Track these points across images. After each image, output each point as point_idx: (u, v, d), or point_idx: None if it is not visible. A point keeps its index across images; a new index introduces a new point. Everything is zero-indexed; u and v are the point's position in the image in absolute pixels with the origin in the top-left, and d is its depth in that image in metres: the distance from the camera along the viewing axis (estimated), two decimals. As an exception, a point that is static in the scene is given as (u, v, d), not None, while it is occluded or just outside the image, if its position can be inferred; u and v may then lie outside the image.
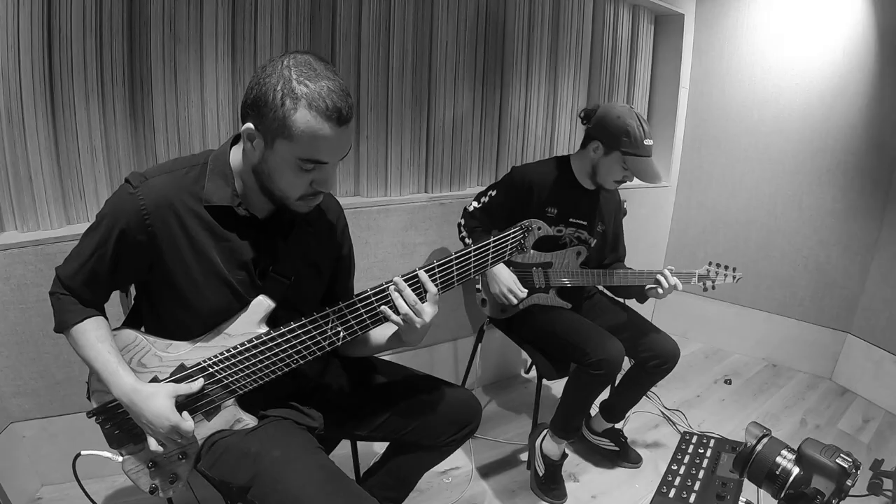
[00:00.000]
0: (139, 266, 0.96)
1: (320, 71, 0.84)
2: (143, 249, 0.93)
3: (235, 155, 0.97)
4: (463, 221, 1.82)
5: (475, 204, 1.79)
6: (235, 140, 0.99)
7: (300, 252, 1.03)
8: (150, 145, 1.61)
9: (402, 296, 0.95)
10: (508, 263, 1.76)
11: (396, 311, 0.96)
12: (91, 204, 1.55)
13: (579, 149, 1.73)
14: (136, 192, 0.91)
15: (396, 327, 1.01)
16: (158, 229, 0.92)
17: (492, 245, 1.00)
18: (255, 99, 0.85)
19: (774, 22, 2.52)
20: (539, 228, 1.05)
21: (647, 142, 1.60)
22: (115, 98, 1.52)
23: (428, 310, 0.97)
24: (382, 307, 0.96)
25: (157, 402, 0.92)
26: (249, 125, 0.87)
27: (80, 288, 0.98)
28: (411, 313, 0.95)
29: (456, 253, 0.98)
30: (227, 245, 0.97)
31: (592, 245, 1.78)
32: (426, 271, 0.97)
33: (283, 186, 0.91)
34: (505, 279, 1.70)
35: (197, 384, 0.97)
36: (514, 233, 1.02)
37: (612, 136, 1.60)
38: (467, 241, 1.81)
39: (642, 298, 1.76)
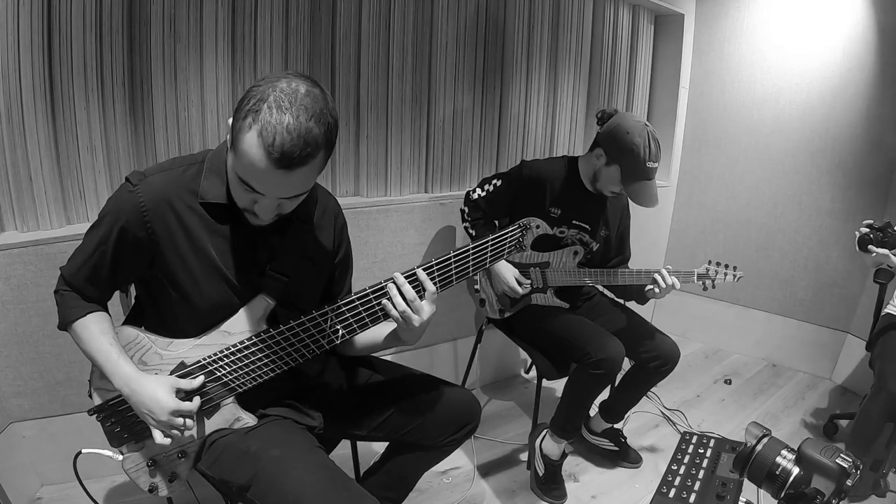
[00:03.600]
0: (140, 262, 0.97)
1: (298, 104, 0.78)
2: (143, 246, 0.94)
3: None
4: (466, 210, 1.80)
5: (479, 192, 1.77)
6: None
7: (297, 250, 1.04)
8: (150, 145, 1.61)
9: (400, 292, 0.95)
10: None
11: (395, 308, 0.96)
12: (91, 204, 1.55)
13: (588, 150, 1.71)
14: (136, 190, 0.92)
15: (394, 326, 1.01)
16: (157, 226, 0.93)
17: (490, 243, 1.00)
18: (239, 100, 0.84)
19: (774, 22, 2.52)
20: (538, 227, 1.05)
21: (651, 164, 1.54)
22: (115, 98, 1.52)
23: (426, 308, 0.97)
24: (384, 301, 0.96)
25: (156, 390, 0.93)
26: (230, 121, 0.87)
27: (82, 285, 0.99)
28: (409, 311, 0.95)
29: (454, 251, 0.98)
30: (225, 241, 0.98)
31: (595, 249, 1.78)
32: (424, 270, 0.97)
33: (235, 193, 0.92)
34: (506, 276, 1.69)
35: (198, 380, 0.97)
36: (512, 231, 1.02)
37: (615, 150, 1.57)
38: (470, 231, 1.81)
39: (642, 299, 1.74)
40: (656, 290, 1.59)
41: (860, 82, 2.35)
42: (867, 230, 1.67)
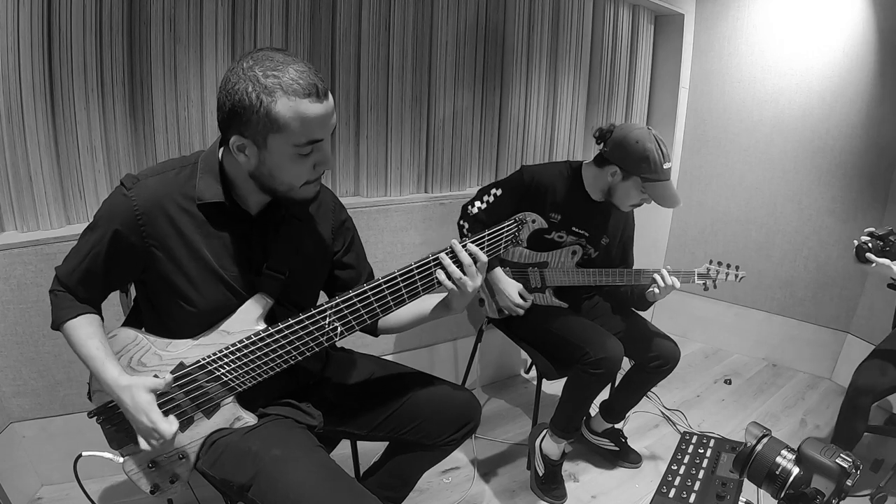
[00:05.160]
0: (133, 266, 0.97)
1: (281, 59, 0.84)
2: (137, 250, 0.95)
3: (224, 153, 0.97)
4: (466, 226, 1.74)
5: (478, 204, 1.73)
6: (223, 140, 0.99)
7: (293, 247, 1.04)
8: (150, 145, 1.61)
9: (456, 262, 0.99)
10: (503, 263, 1.75)
11: (448, 278, 0.99)
12: (91, 204, 1.55)
13: (593, 164, 1.68)
14: (129, 194, 0.93)
15: (432, 302, 1.09)
16: (151, 230, 0.93)
17: (486, 239, 1.01)
18: (232, 110, 0.84)
19: (774, 22, 2.52)
20: (533, 221, 1.05)
21: (667, 165, 1.55)
22: (115, 98, 1.52)
23: (478, 278, 1.01)
24: (438, 272, 0.99)
25: (136, 395, 0.91)
26: (236, 137, 0.87)
27: (75, 286, 0.99)
28: (465, 278, 0.98)
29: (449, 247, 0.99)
30: (220, 242, 0.98)
31: (594, 256, 1.77)
32: (421, 265, 0.98)
33: (288, 179, 0.92)
34: (509, 291, 1.67)
35: (165, 380, 0.94)
36: (508, 226, 1.02)
37: (630, 162, 1.56)
38: None
39: (643, 305, 1.74)
40: (656, 290, 1.59)
41: (860, 82, 2.35)
42: (867, 238, 1.53)
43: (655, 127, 1.62)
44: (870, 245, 1.51)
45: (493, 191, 1.72)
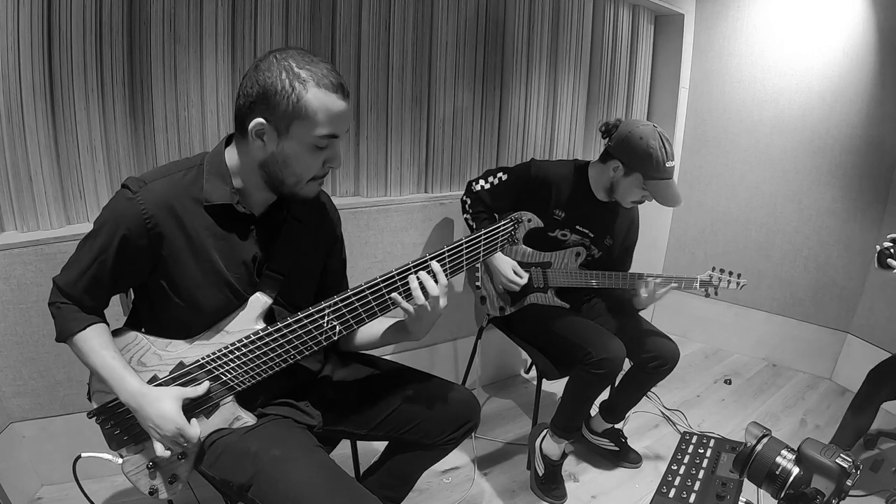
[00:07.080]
0: (141, 269, 0.97)
1: (312, 57, 0.90)
2: (145, 253, 0.94)
3: (230, 155, 0.98)
4: (468, 201, 1.78)
5: (483, 184, 1.75)
6: (228, 141, 1.00)
7: (293, 248, 1.05)
8: (150, 145, 1.61)
9: (422, 284, 0.96)
10: None
11: (407, 299, 0.97)
12: (91, 204, 1.55)
13: (598, 161, 1.69)
14: (136, 197, 0.92)
15: (392, 322, 1.04)
16: (160, 232, 0.93)
17: (483, 237, 1.01)
18: (261, 93, 0.87)
19: (774, 22, 2.52)
20: (529, 220, 1.06)
21: (669, 164, 1.55)
22: (115, 98, 1.52)
23: (442, 301, 0.98)
24: (393, 294, 0.97)
25: (163, 404, 0.93)
26: (259, 120, 0.89)
27: (80, 295, 0.98)
28: (426, 303, 0.96)
29: (447, 246, 0.99)
30: (226, 243, 0.98)
31: (596, 257, 1.77)
32: (418, 264, 0.97)
33: (300, 171, 0.93)
34: (503, 269, 1.68)
35: (202, 387, 0.97)
36: (504, 225, 1.03)
37: (633, 159, 1.56)
38: (471, 223, 1.79)
39: (636, 308, 1.75)
40: (643, 293, 1.62)
41: (860, 82, 2.35)
42: (889, 244, 1.55)
43: (655, 127, 1.62)
44: (892, 251, 1.54)
45: (500, 175, 1.74)
